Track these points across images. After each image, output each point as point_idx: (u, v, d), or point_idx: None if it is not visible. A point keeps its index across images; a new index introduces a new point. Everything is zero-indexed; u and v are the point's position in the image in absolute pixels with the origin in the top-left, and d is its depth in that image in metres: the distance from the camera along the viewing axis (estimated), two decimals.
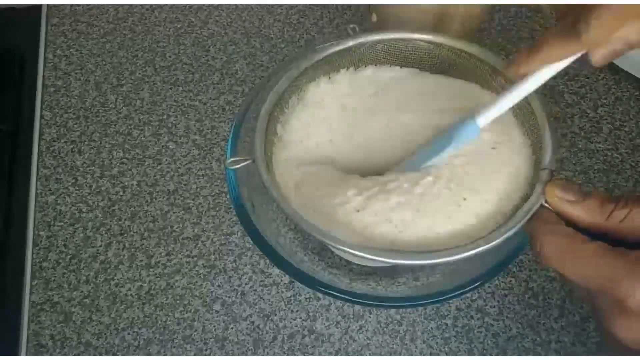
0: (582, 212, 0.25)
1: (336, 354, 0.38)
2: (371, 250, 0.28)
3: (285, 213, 0.29)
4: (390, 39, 0.35)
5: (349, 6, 0.56)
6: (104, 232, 0.43)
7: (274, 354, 0.38)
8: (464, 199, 0.30)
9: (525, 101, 0.32)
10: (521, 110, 0.32)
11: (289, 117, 0.35)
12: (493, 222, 0.29)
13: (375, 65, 0.37)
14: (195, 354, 0.38)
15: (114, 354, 0.38)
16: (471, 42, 0.34)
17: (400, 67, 0.36)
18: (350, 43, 0.35)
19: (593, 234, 0.24)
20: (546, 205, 0.27)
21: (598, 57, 0.23)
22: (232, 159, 0.31)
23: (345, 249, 0.28)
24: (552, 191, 0.27)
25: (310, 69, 0.35)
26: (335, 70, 0.36)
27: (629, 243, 0.23)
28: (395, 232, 0.30)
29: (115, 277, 0.41)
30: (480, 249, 0.27)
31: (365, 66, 0.37)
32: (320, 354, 0.38)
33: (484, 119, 0.29)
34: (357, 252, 0.27)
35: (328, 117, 0.35)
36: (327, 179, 0.33)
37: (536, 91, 0.31)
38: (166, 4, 0.56)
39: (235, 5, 0.56)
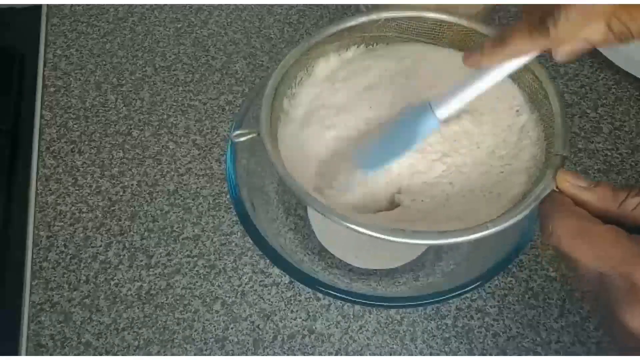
0: (594, 198, 0.25)
1: (336, 354, 0.38)
2: (378, 228, 0.27)
3: (290, 188, 0.29)
4: (402, 17, 0.34)
5: (349, 6, 0.56)
6: (104, 232, 0.43)
7: (274, 354, 0.38)
8: (476, 184, 0.30)
9: (540, 86, 0.31)
10: (535, 95, 0.32)
11: (296, 92, 0.35)
12: (501, 206, 0.29)
13: (387, 43, 0.36)
14: (195, 354, 0.38)
15: (114, 354, 0.38)
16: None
17: (415, 42, 0.36)
18: (362, 19, 0.34)
19: (604, 220, 0.24)
20: (557, 191, 0.27)
21: (562, 54, 0.24)
22: (237, 132, 0.31)
23: (352, 225, 0.27)
24: (563, 177, 0.27)
25: (320, 44, 0.34)
26: (345, 47, 0.35)
27: (639, 230, 0.23)
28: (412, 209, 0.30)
29: (115, 277, 0.41)
30: (490, 231, 0.27)
31: (377, 44, 0.36)
32: (320, 354, 0.38)
33: (443, 111, 0.28)
34: (363, 230, 0.27)
35: (336, 93, 0.35)
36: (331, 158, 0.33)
37: (551, 77, 0.31)
38: (166, 4, 0.56)
39: (235, 5, 0.56)
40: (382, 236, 0.27)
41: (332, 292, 0.32)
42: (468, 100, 0.28)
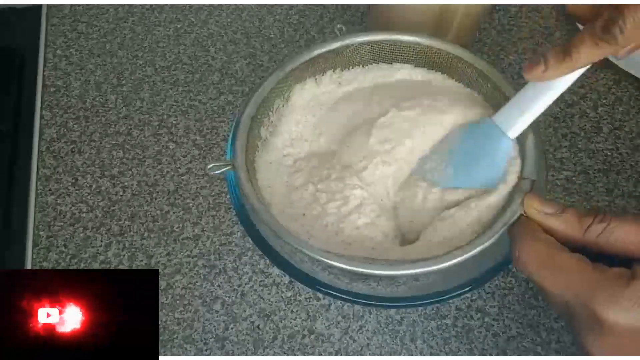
0: (561, 224, 0.25)
1: (336, 354, 0.38)
2: (350, 261, 0.27)
3: (264, 221, 0.29)
4: (377, 40, 0.35)
5: (349, 6, 0.56)
6: (104, 232, 0.43)
7: (274, 354, 0.38)
8: (445, 207, 0.30)
9: None
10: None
11: (274, 120, 0.35)
12: (471, 231, 0.29)
13: (362, 66, 0.36)
14: (195, 354, 0.38)
15: None
16: (471, 46, 0.34)
17: (391, 64, 0.36)
18: (336, 45, 0.34)
19: (570, 247, 0.24)
20: (525, 216, 0.27)
21: (626, 52, 0.23)
22: (212, 164, 0.31)
23: (323, 259, 0.27)
24: (530, 203, 0.27)
25: (295, 71, 0.34)
26: (321, 72, 0.36)
27: (605, 257, 0.24)
28: (380, 239, 0.30)
29: None
30: (458, 259, 0.27)
31: (352, 67, 0.36)
32: (320, 354, 0.38)
33: (514, 132, 0.28)
34: (335, 263, 0.27)
35: (314, 120, 0.35)
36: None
37: None
38: (166, 4, 0.56)
39: (235, 5, 0.56)
40: (355, 269, 0.27)
41: (332, 292, 0.31)
42: (537, 115, 0.28)
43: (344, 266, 0.27)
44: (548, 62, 0.25)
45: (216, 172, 0.31)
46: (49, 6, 0.56)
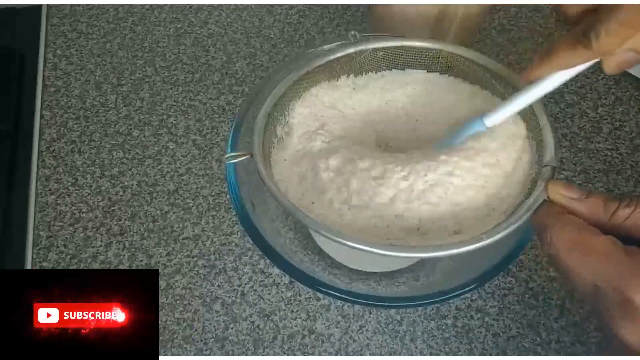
0: (586, 209, 0.25)
1: (336, 354, 0.38)
2: (372, 244, 0.27)
3: (284, 207, 0.29)
4: (391, 47, 0.35)
5: (349, 6, 0.56)
6: (104, 232, 0.43)
7: (274, 354, 0.38)
8: (465, 193, 0.30)
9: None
10: (523, 110, 0.32)
11: (289, 119, 0.35)
12: (493, 218, 0.29)
13: (375, 72, 0.37)
14: (195, 354, 0.38)
15: None
16: (471, 46, 0.35)
17: (404, 70, 0.37)
18: (351, 50, 0.35)
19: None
20: (549, 201, 0.27)
21: (610, 65, 0.24)
22: (231, 154, 0.32)
23: (341, 240, 0.27)
24: (554, 188, 0.27)
25: (310, 74, 0.35)
26: (335, 76, 0.36)
27: (631, 241, 0.23)
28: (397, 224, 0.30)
29: None
30: (482, 243, 0.27)
31: (366, 73, 0.37)
32: (320, 354, 0.38)
33: (491, 120, 0.30)
34: (358, 246, 0.27)
35: (328, 121, 0.35)
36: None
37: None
38: (166, 4, 0.56)
39: (235, 5, 0.56)
40: (377, 251, 0.27)
41: (332, 292, 0.31)
42: (514, 111, 0.30)
43: (366, 248, 0.27)
44: (533, 64, 0.26)
45: (234, 160, 0.31)
46: (49, 6, 0.56)
